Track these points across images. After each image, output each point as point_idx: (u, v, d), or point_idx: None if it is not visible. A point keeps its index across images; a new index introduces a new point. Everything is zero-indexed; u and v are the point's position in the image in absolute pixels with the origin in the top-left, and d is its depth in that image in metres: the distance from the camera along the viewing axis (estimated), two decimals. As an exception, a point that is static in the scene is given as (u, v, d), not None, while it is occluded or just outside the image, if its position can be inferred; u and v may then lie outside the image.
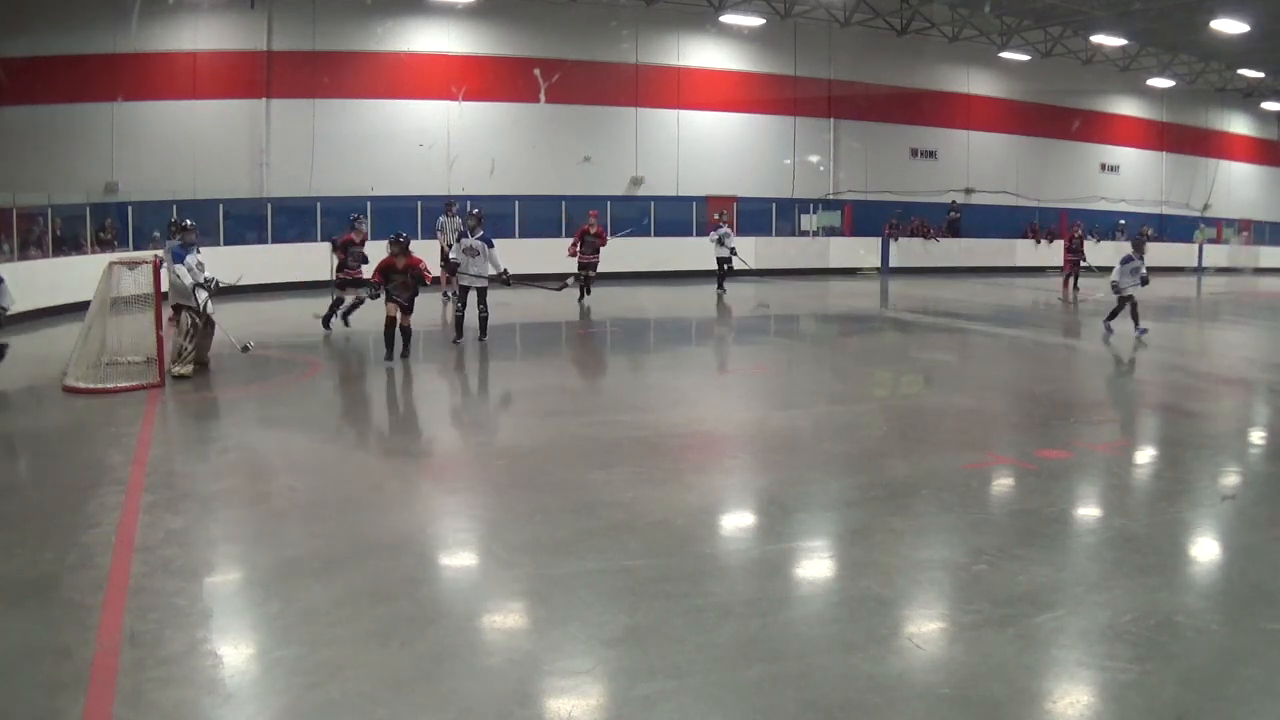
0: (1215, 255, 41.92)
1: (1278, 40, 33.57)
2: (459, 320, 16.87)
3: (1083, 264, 26.83)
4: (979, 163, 36.36)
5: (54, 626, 5.67)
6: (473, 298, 16.68)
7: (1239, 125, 45.71)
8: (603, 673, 5.17)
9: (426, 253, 16.70)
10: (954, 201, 34.98)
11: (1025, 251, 35.51)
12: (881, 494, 8.26)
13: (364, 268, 17.47)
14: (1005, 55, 35.31)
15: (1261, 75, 41.00)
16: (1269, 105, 45.51)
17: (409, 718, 4.73)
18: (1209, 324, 24.24)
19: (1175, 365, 16.32)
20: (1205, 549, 7.38)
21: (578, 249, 22.41)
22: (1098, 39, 34.59)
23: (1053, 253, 33.83)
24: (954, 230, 34.79)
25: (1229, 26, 30.06)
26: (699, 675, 5.06)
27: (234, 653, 5.42)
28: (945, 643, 5.56)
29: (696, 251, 28.17)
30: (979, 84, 36.38)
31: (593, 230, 22.57)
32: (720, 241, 24.93)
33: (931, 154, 35.40)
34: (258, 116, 27.03)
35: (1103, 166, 40.62)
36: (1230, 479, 9.32)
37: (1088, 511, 8.25)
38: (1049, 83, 37.06)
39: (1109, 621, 5.72)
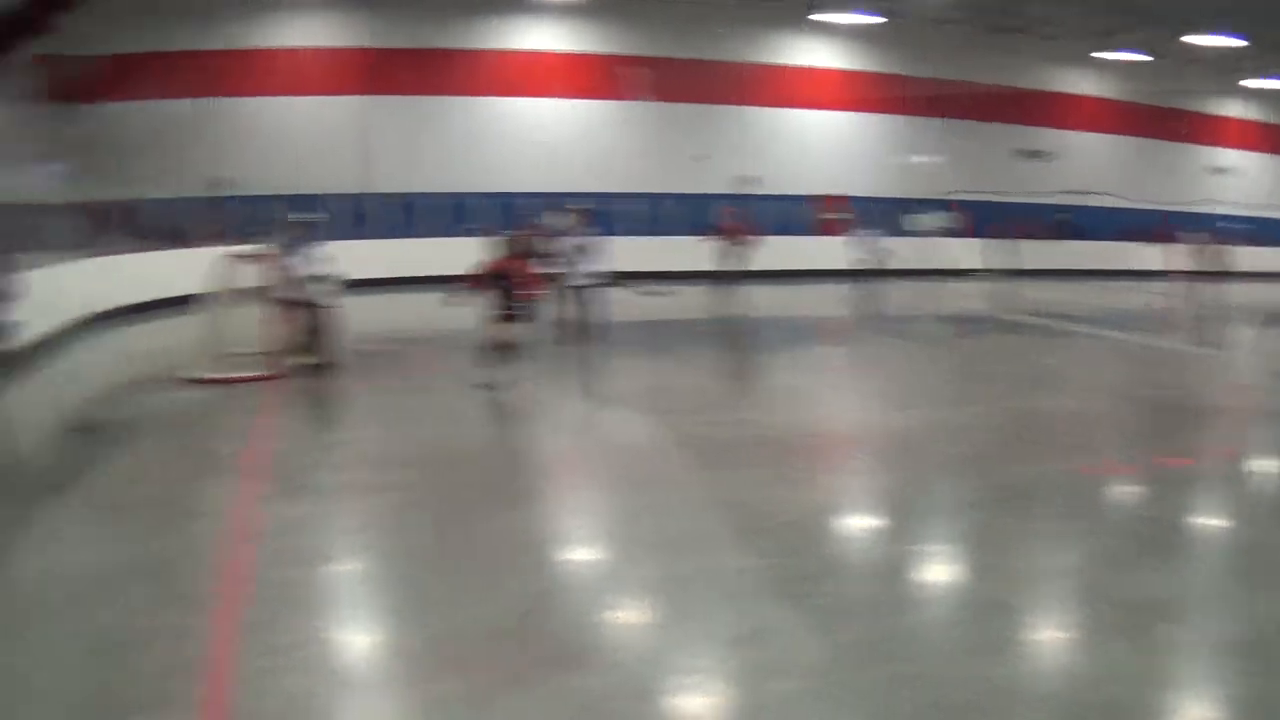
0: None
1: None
2: (571, 321, 16.25)
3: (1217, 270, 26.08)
4: (1090, 164, 35.50)
5: (172, 611, 5.79)
6: (582, 296, 16.11)
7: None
8: (726, 671, 5.22)
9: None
10: (1064, 204, 34.24)
11: (1140, 254, 34.60)
12: (1000, 497, 8.17)
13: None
14: (1113, 55, 34.49)
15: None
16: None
17: (527, 714, 4.74)
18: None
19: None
20: None
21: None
22: (1199, 40, 33.66)
23: (1170, 256, 33.02)
24: (1064, 232, 34.06)
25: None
26: (822, 676, 5.08)
27: (351, 641, 5.42)
28: (1065, 648, 5.54)
29: (810, 251, 28.05)
30: (1088, 84, 35.59)
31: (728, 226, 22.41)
32: (864, 242, 24.40)
33: (1041, 154, 34.72)
34: (361, 112, 27.31)
35: (1213, 169, 39.49)
36: None
37: (1212, 520, 8.06)
38: (1158, 83, 36.12)
39: (1234, 633, 5.60)
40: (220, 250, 14.29)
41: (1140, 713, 4.82)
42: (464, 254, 22.43)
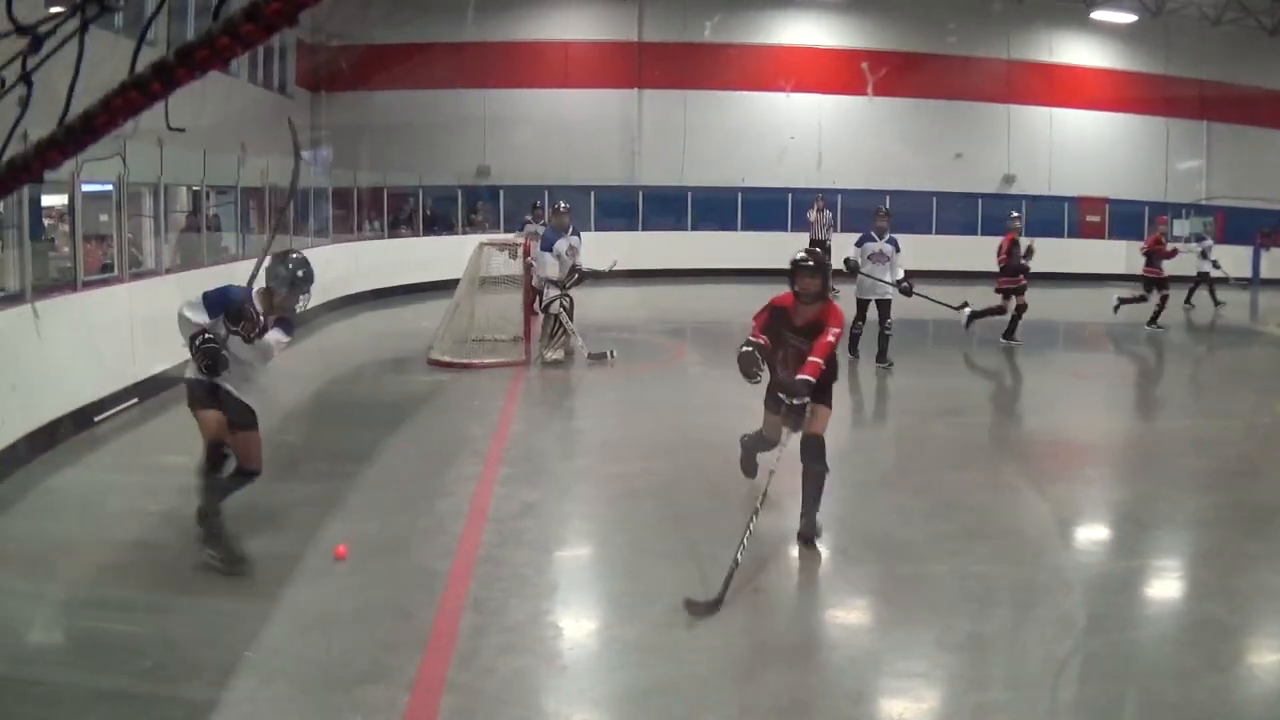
0: None
1: None
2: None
3: None
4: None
5: (400, 587, 6.01)
6: (877, 311, 13.89)
7: None
8: (939, 677, 5.19)
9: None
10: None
11: None
12: (1239, 515, 7.82)
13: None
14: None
15: None
16: None
17: (740, 704, 4.85)
18: None
19: None
20: None
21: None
22: None
23: None
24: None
25: None
26: (1034, 689, 5.02)
27: (575, 626, 5.45)
28: None
29: (1072, 252, 27.15)
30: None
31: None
32: (1204, 254, 23.06)
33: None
34: (630, 106, 27.72)
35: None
36: None
37: None
38: None
39: None
40: (479, 238, 14.74)
41: None
42: (730, 247, 22.54)
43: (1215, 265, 21.95)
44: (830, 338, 6.57)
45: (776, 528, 6.82)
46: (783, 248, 9.71)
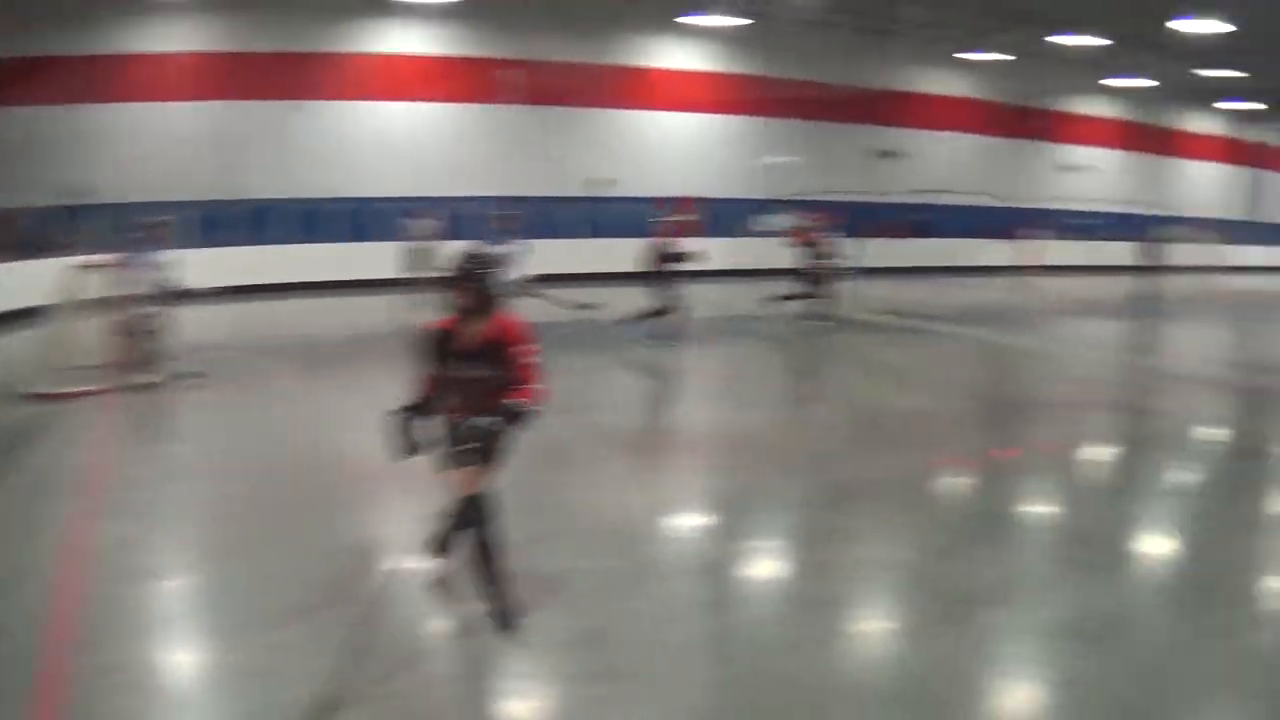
0: (1186, 254, 42.24)
1: (1256, 42, 33.61)
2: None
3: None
4: (946, 163, 36.50)
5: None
6: None
7: (1200, 124, 46.14)
8: (549, 675, 5.24)
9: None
10: (921, 202, 35.04)
11: (996, 251, 35.64)
12: (836, 495, 8.28)
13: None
14: (974, 56, 35.43)
15: (1235, 74, 41.11)
16: (1237, 105, 45.82)
17: None
18: (1178, 322, 24.51)
19: (1135, 365, 16.51)
20: (1154, 545, 7.49)
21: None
22: (1062, 40, 34.74)
23: (1027, 252, 34.15)
24: (920, 230, 34.90)
25: (1199, 27, 30.08)
26: (646, 678, 5.08)
27: (183, 659, 5.45)
28: (895, 641, 5.67)
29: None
30: (947, 84, 36.53)
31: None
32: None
33: (898, 154, 35.47)
34: (221, 117, 26.82)
35: (1065, 166, 40.88)
36: (1184, 476, 9.49)
37: (1038, 509, 8.37)
38: (1019, 83, 37.25)
39: (1058, 617, 5.81)
40: (69, 260, 13.98)
41: (969, 700, 4.97)
42: (322, 260, 21.93)
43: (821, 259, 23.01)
44: (527, 359, 5.38)
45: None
46: (388, 258, 9.64)
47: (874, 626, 5.89)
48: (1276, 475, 9.66)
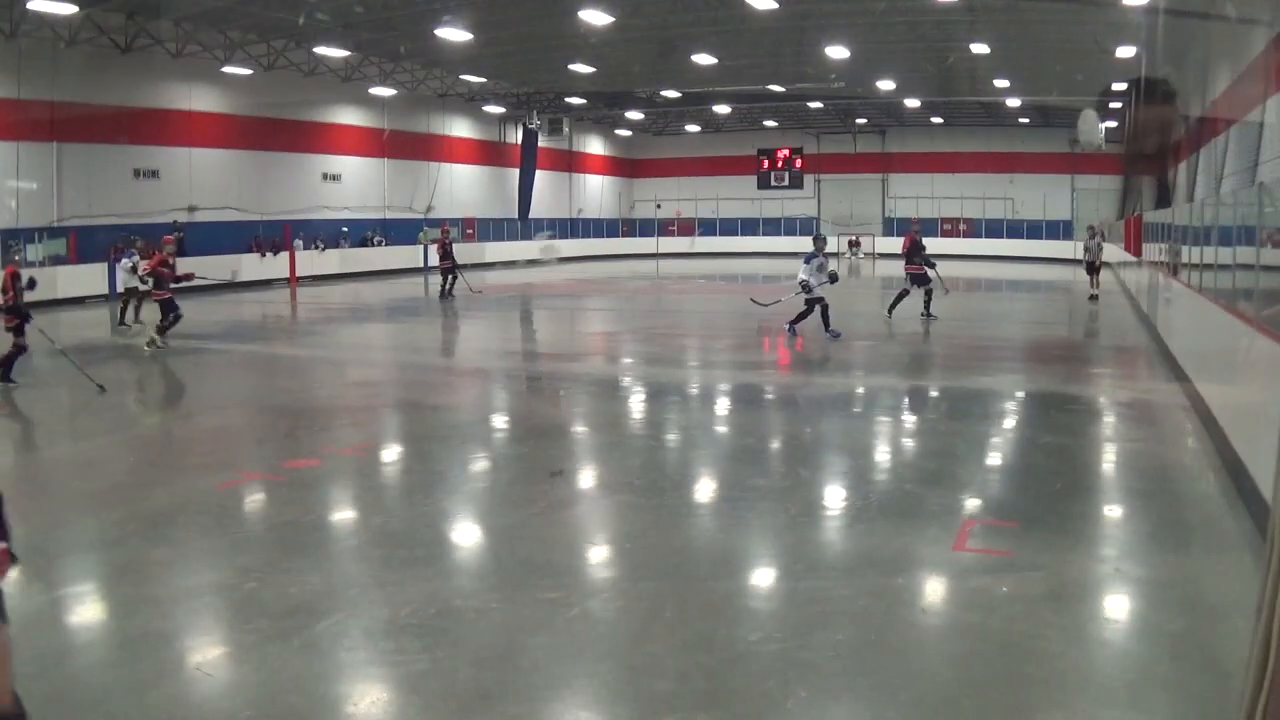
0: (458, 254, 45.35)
1: (499, 46, 37.05)
2: None
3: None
4: (202, 180, 36.15)
5: None
6: None
7: (461, 129, 50.04)
8: None
9: None
10: (176, 221, 34.68)
11: (251, 266, 36.43)
12: (141, 527, 8.04)
13: None
14: (228, 70, 35.63)
15: (483, 80, 45.04)
16: (490, 109, 50.23)
17: None
18: (457, 320, 26.34)
19: (411, 363, 17.96)
20: (469, 533, 8.19)
21: None
22: (320, 50, 36.25)
23: (279, 265, 35.54)
24: (179, 249, 34.75)
25: (453, 35, 32.77)
26: None
27: None
28: (234, 666, 5.57)
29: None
30: (202, 100, 36.11)
31: None
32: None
33: (155, 174, 34.76)
34: None
35: (326, 176, 42.52)
36: (481, 464, 10.47)
37: (346, 515, 8.74)
38: (273, 96, 37.96)
39: (390, 617, 6.09)
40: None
41: (322, 713, 5.04)
42: None
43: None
44: None
45: None
46: None
47: (211, 654, 5.73)
48: (542, 456, 10.69)
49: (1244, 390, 9.71)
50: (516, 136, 53.61)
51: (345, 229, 42.15)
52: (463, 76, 44.65)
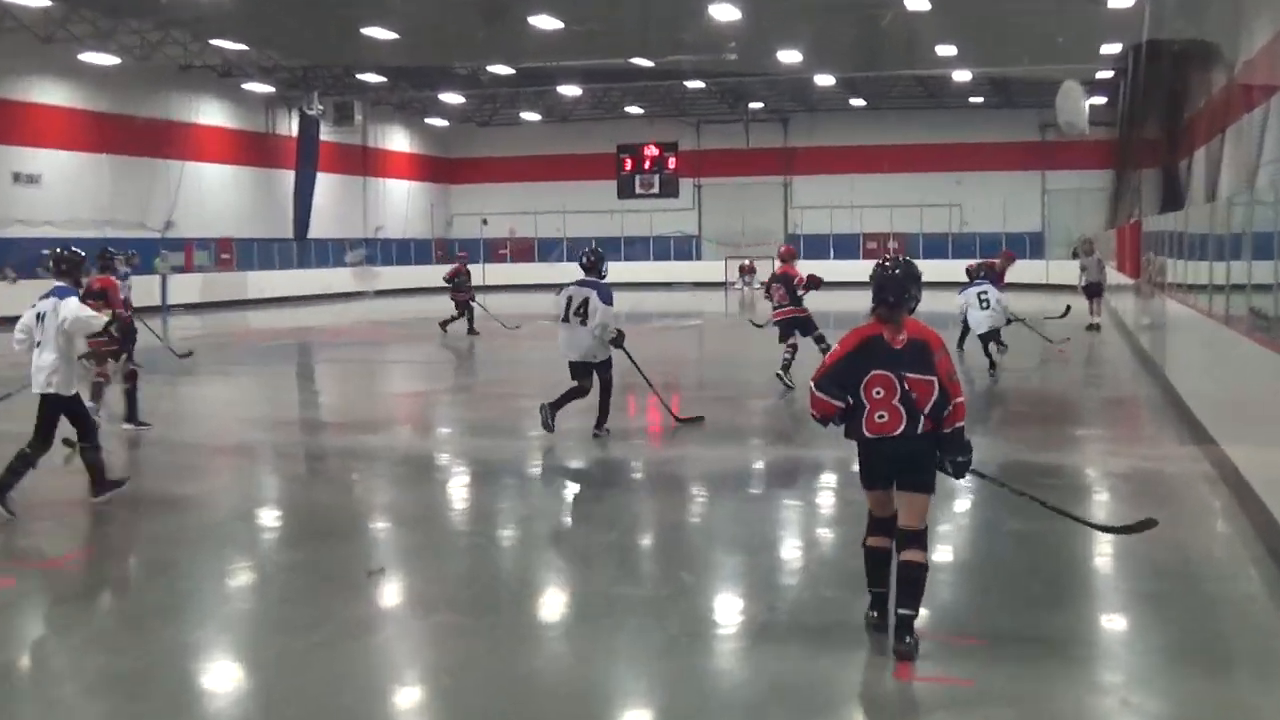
0: (185, 289, 44.43)
1: (263, 2, 36.37)
2: None
3: None
4: None
5: None
6: None
7: (212, 114, 49.04)
8: None
9: None
10: None
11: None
12: None
13: None
14: None
15: (243, 48, 44.19)
16: (253, 87, 49.25)
17: None
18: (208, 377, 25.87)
19: (146, 438, 17.53)
20: (228, 674, 8.04)
21: None
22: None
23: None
24: None
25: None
26: None
27: None
28: None
29: None
30: None
31: None
32: None
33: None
34: None
35: (18, 177, 40.72)
36: (244, 577, 10.32)
37: (52, 655, 8.55)
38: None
39: None
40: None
41: None
42: None
43: None
44: None
45: None
46: None
47: None
48: (327, 562, 10.63)
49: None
50: (290, 127, 53.03)
51: (45, 251, 40.74)
52: (214, 42, 43.64)
